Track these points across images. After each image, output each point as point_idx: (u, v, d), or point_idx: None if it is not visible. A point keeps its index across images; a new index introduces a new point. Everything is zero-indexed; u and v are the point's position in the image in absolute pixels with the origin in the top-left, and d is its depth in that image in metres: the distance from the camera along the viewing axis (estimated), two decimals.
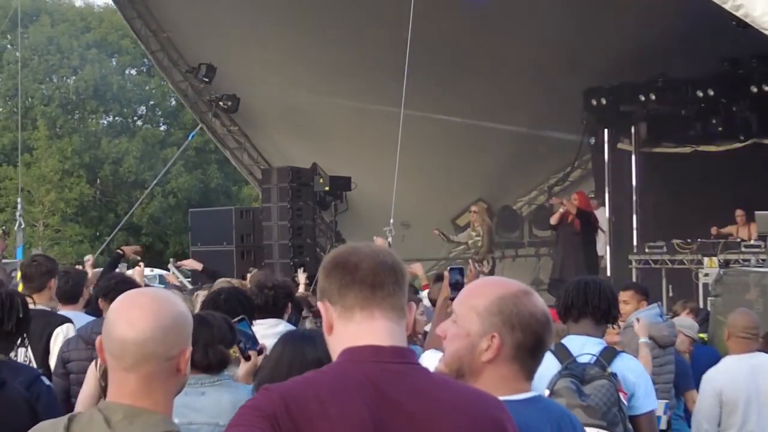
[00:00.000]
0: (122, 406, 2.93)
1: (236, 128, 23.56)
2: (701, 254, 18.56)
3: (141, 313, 2.95)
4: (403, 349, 2.92)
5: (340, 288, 2.90)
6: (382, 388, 2.78)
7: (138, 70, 52.23)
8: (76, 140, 47.03)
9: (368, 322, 2.88)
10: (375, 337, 2.87)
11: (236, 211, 22.69)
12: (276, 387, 2.79)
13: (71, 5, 54.00)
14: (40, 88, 48.37)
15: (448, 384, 2.98)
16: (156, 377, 2.94)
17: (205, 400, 5.06)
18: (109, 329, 2.99)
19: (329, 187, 22.04)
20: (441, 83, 20.47)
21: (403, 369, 2.85)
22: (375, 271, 2.91)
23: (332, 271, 2.93)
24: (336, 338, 2.92)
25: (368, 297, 2.89)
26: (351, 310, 2.89)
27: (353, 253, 2.94)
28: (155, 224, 47.43)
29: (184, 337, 2.98)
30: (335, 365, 2.86)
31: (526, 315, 3.27)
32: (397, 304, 2.94)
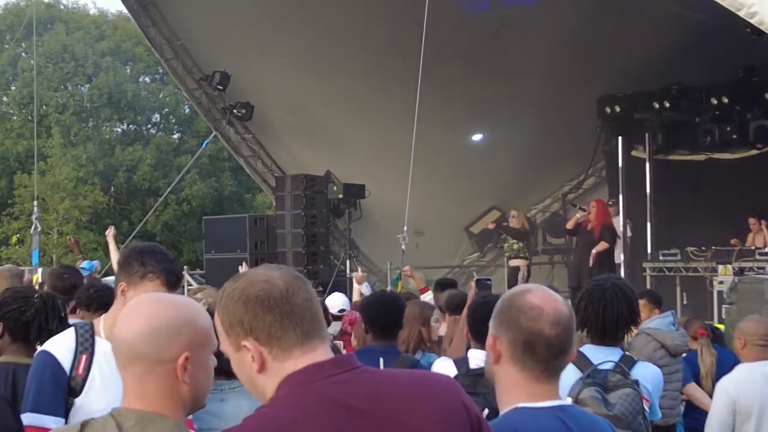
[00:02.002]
0: (135, 412, 2.92)
1: (250, 136, 23.58)
2: (716, 262, 18.53)
3: (136, 313, 2.99)
4: (341, 357, 2.88)
5: (276, 330, 2.80)
6: (339, 401, 2.73)
7: (152, 77, 52.24)
8: (90, 148, 47.04)
9: (308, 353, 2.81)
10: (310, 359, 2.81)
11: (250, 218, 22.68)
12: (236, 430, 2.74)
13: (86, 13, 54.05)
14: (54, 96, 48.39)
15: (400, 376, 2.95)
16: (149, 380, 2.92)
17: (225, 406, 5.07)
18: (115, 330, 3.03)
19: (343, 195, 22.06)
20: (454, 91, 20.49)
21: (351, 377, 2.80)
22: (308, 308, 2.84)
23: (263, 312, 2.80)
24: (269, 376, 2.82)
25: (308, 336, 2.82)
26: (288, 350, 2.81)
27: (275, 289, 2.82)
28: (169, 232, 47.42)
29: (177, 342, 2.92)
30: (285, 395, 2.76)
31: (515, 311, 3.27)
32: (326, 334, 2.91)
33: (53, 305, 5.42)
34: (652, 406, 5.47)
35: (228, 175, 48.87)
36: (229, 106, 22.82)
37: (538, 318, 3.27)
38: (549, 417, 3.25)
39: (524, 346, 3.26)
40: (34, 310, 5.37)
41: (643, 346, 7.97)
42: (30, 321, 5.40)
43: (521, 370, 3.28)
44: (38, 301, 5.41)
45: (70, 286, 8.05)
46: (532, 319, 3.27)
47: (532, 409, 3.22)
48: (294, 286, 2.84)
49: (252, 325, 2.80)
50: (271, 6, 20.28)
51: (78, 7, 54.38)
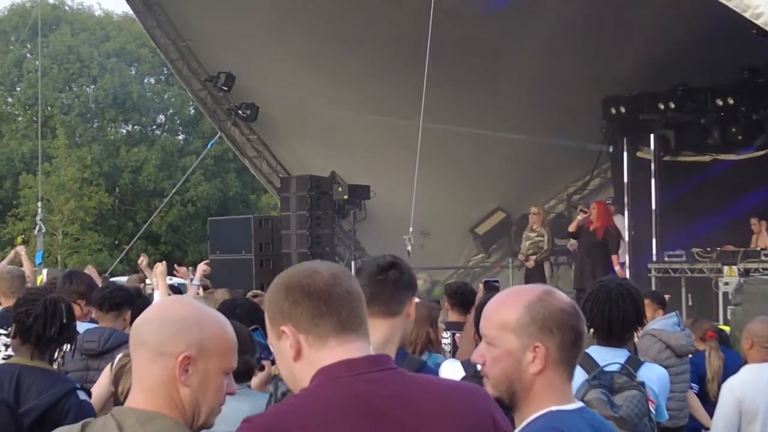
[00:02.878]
0: (135, 411, 2.93)
1: (255, 137, 23.57)
2: (721, 263, 18.51)
3: (155, 307, 3.10)
4: (376, 356, 2.89)
5: (313, 318, 2.84)
6: (365, 399, 2.75)
7: (157, 78, 52.29)
8: (95, 149, 47.10)
9: (342, 345, 2.84)
10: (346, 354, 2.83)
11: (255, 219, 22.68)
12: (258, 419, 2.78)
13: (91, 14, 54.11)
14: (59, 97, 48.45)
15: (430, 382, 2.97)
16: (149, 371, 2.94)
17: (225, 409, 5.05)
18: None
19: (348, 196, 22.05)
20: (459, 92, 20.46)
21: (382, 376, 2.82)
22: (347, 299, 2.87)
23: (302, 299, 2.85)
24: (305, 365, 2.86)
25: (345, 324, 2.85)
26: (324, 339, 2.85)
27: (319, 278, 2.88)
28: (174, 233, 47.47)
29: (182, 339, 2.93)
30: (313, 388, 2.80)
31: (558, 313, 3.22)
32: (365, 323, 2.93)
33: (54, 310, 5.38)
34: (658, 407, 5.46)
35: (233, 176, 48.91)
36: (234, 107, 22.81)
37: (577, 316, 3.28)
38: (580, 420, 3.24)
39: (573, 347, 3.26)
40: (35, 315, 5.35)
41: (648, 347, 7.96)
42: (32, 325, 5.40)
43: (564, 373, 3.25)
44: (40, 306, 5.39)
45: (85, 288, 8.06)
46: (575, 318, 3.27)
47: (566, 412, 3.21)
48: (338, 277, 2.89)
49: (291, 311, 2.87)
50: (276, 7, 20.27)
51: (83, 8, 54.53)
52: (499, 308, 3.30)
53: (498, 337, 3.25)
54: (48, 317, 5.35)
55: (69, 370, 6.92)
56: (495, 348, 3.25)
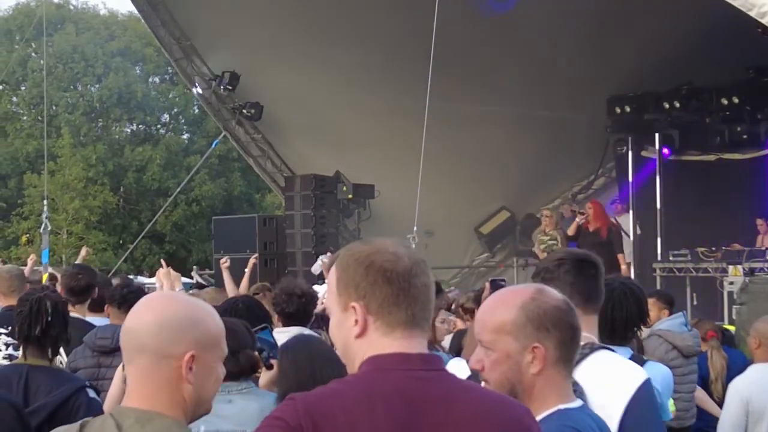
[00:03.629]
0: (134, 410, 2.91)
1: (259, 136, 23.58)
2: (726, 262, 18.46)
3: (145, 308, 3.00)
4: (430, 356, 2.87)
5: (388, 304, 2.81)
6: (411, 396, 2.73)
7: (161, 78, 52.34)
8: (100, 148, 47.13)
9: (406, 339, 2.82)
10: (403, 348, 2.82)
11: (259, 218, 22.66)
12: (302, 397, 2.73)
13: (96, 14, 54.12)
14: (64, 96, 48.50)
15: (477, 390, 2.95)
16: (153, 375, 2.91)
17: (232, 407, 5.06)
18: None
19: (352, 195, 22.05)
20: (464, 92, 20.47)
21: (432, 376, 2.80)
22: (424, 293, 2.85)
23: (382, 283, 2.82)
24: (365, 346, 2.84)
25: (415, 318, 2.83)
26: (393, 327, 2.82)
27: (401, 265, 2.84)
28: (178, 232, 47.51)
29: (184, 339, 2.91)
30: (362, 375, 2.79)
31: (553, 311, 3.22)
32: (430, 324, 2.93)
33: (38, 310, 5.37)
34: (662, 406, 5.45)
35: (237, 176, 48.95)
36: (239, 106, 22.81)
37: (571, 311, 3.27)
38: (585, 417, 3.25)
39: (572, 343, 3.25)
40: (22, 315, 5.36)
41: (655, 348, 7.93)
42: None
43: (562, 370, 3.25)
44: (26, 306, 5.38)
45: (85, 285, 8.06)
46: (569, 314, 3.26)
47: (572, 410, 3.21)
48: (418, 267, 2.86)
49: (367, 291, 2.83)
50: (281, 6, 20.28)
51: (88, 8, 54.52)
52: (494, 311, 3.29)
53: (495, 340, 3.24)
54: (32, 317, 5.34)
55: (80, 366, 6.91)
56: (493, 352, 3.24)
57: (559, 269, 4.16)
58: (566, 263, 4.18)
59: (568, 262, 4.19)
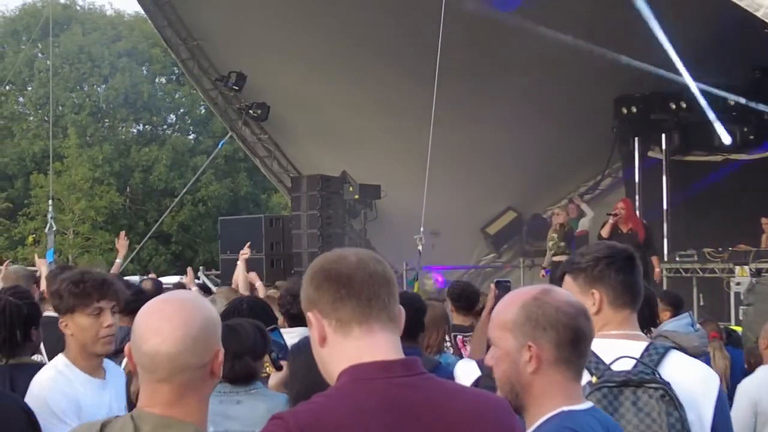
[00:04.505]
0: (152, 416, 2.91)
1: (266, 136, 23.60)
2: (732, 263, 18.44)
3: (170, 325, 2.92)
4: (410, 360, 2.86)
5: (333, 301, 2.80)
6: (400, 404, 2.72)
7: (168, 78, 52.33)
8: (106, 148, 47.15)
9: (368, 337, 2.80)
10: (378, 352, 2.80)
11: (266, 219, 22.68)
12: (291, 416, 2.69)
13: (102, 14, 54.14)
14: (70, 97, 48.53)
15: (461, 391, 2.95)
16: (190, 385, 2.92)
17: (240, 408, 5.05)
18: (139, 343, 2.95)
19: (359, 196, 22.05)
20: (471, 92, 20.47)
21: (416, 382, 2.79)
22: (369, 282, 2.82)
23: (323, 283, 2.83)
24: (332, 352, 2.83)
25: (365, 311, 2.80)
26: (347, 325, 2.80)
27: (343, 263, 2.84)
28: (185, 232, 47.49)
29: (214, 341, 2.96)
30: (345, 386, 2.75)
31: (552, 311, 3.21)
32: (393, 315, 2.87)
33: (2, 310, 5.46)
34: None
35: (244, 176, 48.93)
36: (245, 107, 22.84)
37: (576, 315, 3.25)
38: (591, 419, 3.23)
39: (572, 346, 3.23)
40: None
41: None
42: None
43: (565, 371, 3.23)
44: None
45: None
46: (573, 317, 3.24)
47: (576, 412, 3.20)
48: (363, 261, 2.87)
49: (315, 296, 2.85)
50: (287, 6, 20.28)
51: (94, 8, 54.52)
52: (500, 309, 3.32)
53: (498, 337, 3.28)
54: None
55: None
56: (497, 349, 3.28)
57: (609, 268, 4.12)
58: (616, 261, 4.14)
59: (618, 260, 4.15)
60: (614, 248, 4.27)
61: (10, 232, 46.39)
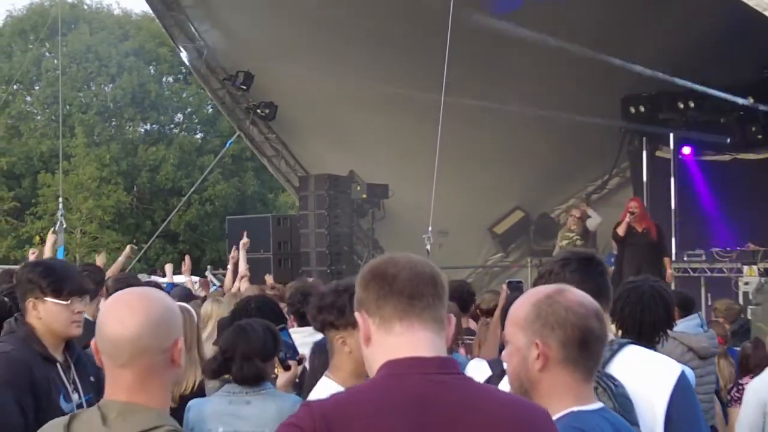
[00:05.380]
0: (117, 403, 2.98)
1: (274, 136, 23.60)
2: (741, 263, 18.42)
3: (130, 310, 3.02)
4: (446, 359, 2.86)
5: (377, 299, 2.85)
6: (429, 401, 2.72)
7: (175, 77, 52.35)
8: (113, 148, 47.19)
9: (408, 333, 2.82)
10: (416, 349, 2.81)
11: (273, 218, 22.70)
12: (318, 404, 2.73)
13: (110, 13, 54.18)
14: (78, 96, 48.58)
15: (495, 393, 2.94)
16: (151, 370, 3.00)
17: (250, 409, 5.06)
18: (102, 329, 3.04)
19: (366, 195, 22.06)
20: (479, 92, 20.43)
21: (449, 380, 2.79)
22: (413, 282, 2.85)
23: (370, 282, 2.88)
24: (374, 350, 2.87)
25: (406, 308, 2.83)
26: (389, 322, 2.83)
27: (391, 263, 2.89)
28: (192, 232, 47.51)
29: (175, 329, 3.05)
30: (378, 380, 2.79)
31: (562, 311, 3.23)
32: (437, 316, 2.89)
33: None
34: None
35: (251, 175, 48.93)
36: (253, 106, 22.84)
37: (587, 315, 3.25)
38: (601, 420, 3.24)
39: (580, 346, 3.24)
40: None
41: (671, 350, 7.89)
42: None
43: (573, 372, 3.25)
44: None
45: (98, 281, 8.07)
46: (582, 317, 3.24)
47: (585, 412, 3.21)
48: (411, 262, 2.91)
49: (362, 296, 2.91)
50: (295, 6, 20.26)
51: (102, 8, 54.57)
52: (515, 307, 3.34)
53: (510, 333, 3.31)
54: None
55: None
56: (510, 345, 3.31)
57: (564, 270, 4.14)
58: (572, 263, 4.16)
59: (573, 262, 4.17)
60: (572, 251, 4.33)
61: (18, 231, 46.42)
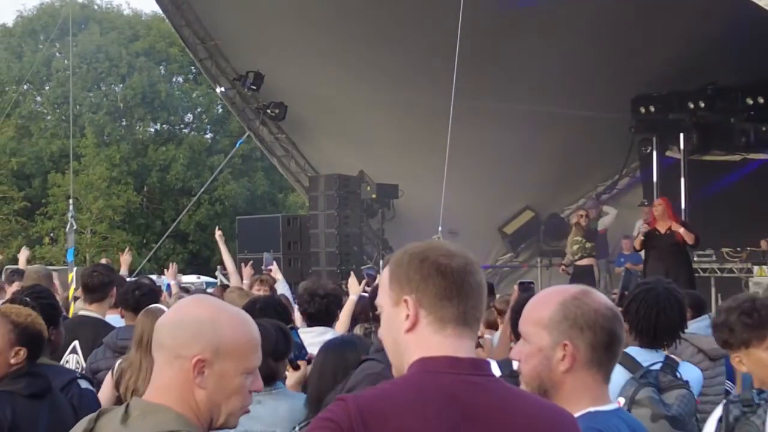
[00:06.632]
0: (143, 402, 2.96)
1: (284, 136, 23.60)
2: (751, 263, 18.40)
3: (175, 307, 3.09)
4: (480, 361, 2.85)
5: (441, 299, 2.80)
6: (462, 400, 2.71)
7: (185, 77, 52.45)
8: (123, 148, 47.33)
9: (456, 338, 2.80)
10: (455, 350, 2.80)
11: (283, 218, 22.71)
12: (353, 399, 2.70)
13: (120, 13, 54.33)
14: (88, 96, 48.71)
15: (526, 397, 2.94)
16: (166, 371, 2.95)
17: (261, 408, 5.06)
18: None
19: (376, 195, 22.06)
20: (489, 91, 20.42)
21: (482, 381, 2.78)
22: (477, 291, 2.85)
23: (435, 276, 2.80)
24: (415, 341, 2.81)
25: (467, 315, 2.82)
26: (444, 322, 2.80)
27: (455, 262, 2.83)
28: (202, 231, 47.56)
29: (198, 343, 2.93)
30: (412, 376, 2.76)
31: (591, 313, 3.21)
32: (480, 323, 2.92)
33: None
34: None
35: (261, 175, 49.03)
36: (263, 106, 22.84)
37: (613, 318, 3.25)
38: (617, 420, 3.23)
39: (606, 349, 3.23)
40: None
41: (681, 351, 7.88)
42: None
43: (596, 373, 3.24)
44: None
45: (99, 283, 8.07)
46: (610, 320, 3.24)
47: (603, 413, 3.20)
48: (472, 266, 2.86)
49: (420, 284, 2.81)
50: (305, 6, 20.27)
51: (112, 8, 54.77)
52: (536, 305, 3.31)
53: (531, 333, 3.26)
54: None
55: (102, 368, 6.93)
56: (528, 344, 3.26)
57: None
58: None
59: None
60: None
61: (28, 231, 46.54)
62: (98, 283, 8.07)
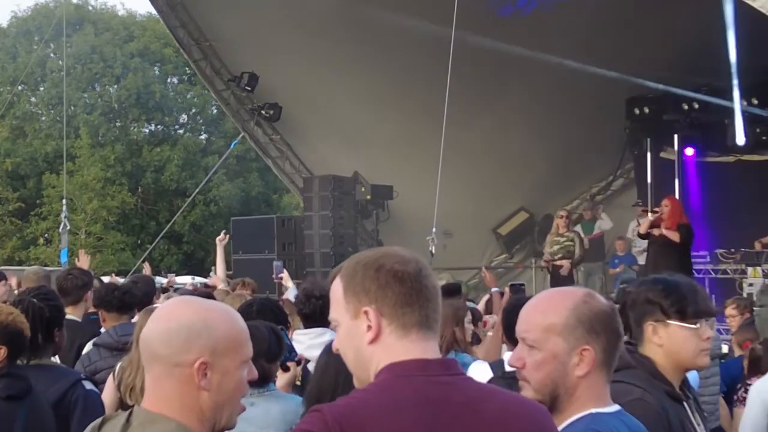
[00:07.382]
0: (143, 411, 2.92)
1: (278, 137, 23.60)
2: (745, 264, 18.41)
3: (158, 315, 2.98)
4: (448, 361, 2.86)
5: (402, 305, 2.79)
6: (436, 401, 2.71)
7: (180, 78, 52.42)
8: (118, 148, 47.28)
9: (422, 341, 2.80)
10: (423, 352, 2.79)
11: (278, 219, 22.69)
12: (329, 409, 2.69)
13: (114, 14, 54.27)
14: (82, 97, 48.66)
15: (497, 393, 2.91)
16: (166, 382, 2.90)
17: (254, 410, 5.06)
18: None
19: (371, 196, 22.07)
20: (483, 92, 20.44)
21: (453, 380, 2.78)
22: (434, 294, 2.84)
23: (393, 285, 2.79)
24: (381, 351, 2.80)
25: (429, 318, 2.81)
26: (408, 329, 2.79)
27: (409, 267, 2.83)
28: (196, 232, 47.57)
29: (195, 347, 2.89)
30: (383, 382, 2.75)
31: (602, 315, 3.22)
32: (440, 324, 2.90)
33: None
34: None
35: (255, 176, 48.99)
36: (257, 107, 22.84)
37: (616, 318, 3.28)
38: (618, 423, 3.23)
39: (614, 350, 3.26)
40: None
41: None
42: None
43: (605, 375, 3.26)
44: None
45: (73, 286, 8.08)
46: (615, 320, 3.26)
47: (604, 414, 3.21)
48: (426, 269, 2.85)
49: (379, 294, 2.80)
50: (300, 7, 20.27)
51: (107, 9, 54.68)
52: (542, 311, 3.28)
53: (542, 339, 3.23)
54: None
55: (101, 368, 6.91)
56: (539, 351, 3.23)
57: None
58: None
59: None
60: None
61: (23, 232, 46.50)
62: (72, 286, 8.09)
